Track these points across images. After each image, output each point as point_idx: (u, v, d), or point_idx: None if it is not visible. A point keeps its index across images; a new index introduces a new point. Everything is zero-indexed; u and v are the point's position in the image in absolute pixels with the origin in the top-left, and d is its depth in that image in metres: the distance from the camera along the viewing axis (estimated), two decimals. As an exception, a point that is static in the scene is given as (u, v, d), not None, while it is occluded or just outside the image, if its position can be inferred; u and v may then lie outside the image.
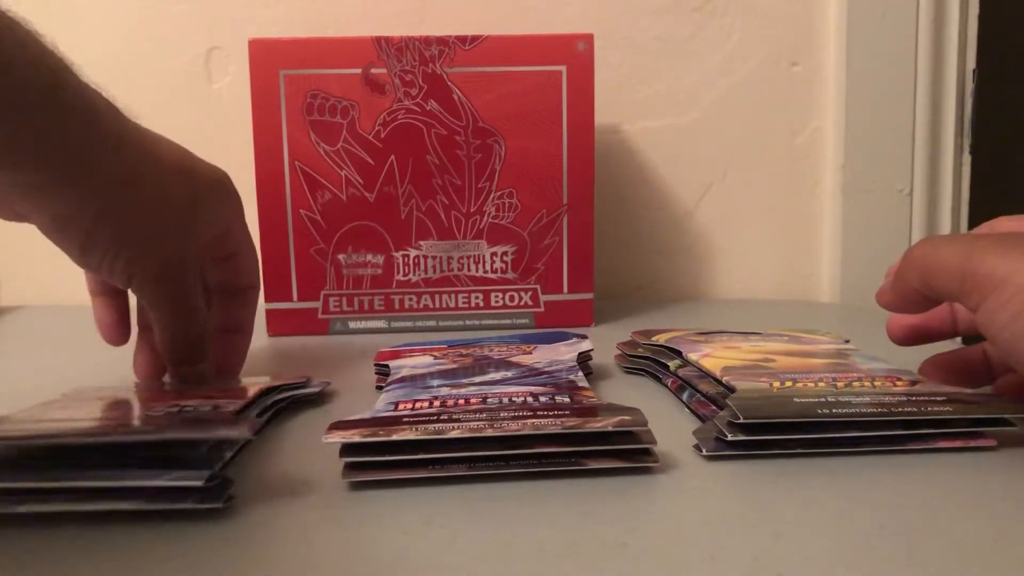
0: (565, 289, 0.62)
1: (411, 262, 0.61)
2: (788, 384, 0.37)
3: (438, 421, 0.32)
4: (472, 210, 0.60)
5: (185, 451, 0.29)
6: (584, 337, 0.48)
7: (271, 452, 0.35)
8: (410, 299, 0.61)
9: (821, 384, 0.37)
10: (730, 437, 0.33)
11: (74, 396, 0.38)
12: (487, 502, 0.30)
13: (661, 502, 0.30)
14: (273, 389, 0.40)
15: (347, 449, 0.31)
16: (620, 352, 0.50)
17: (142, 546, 0.27)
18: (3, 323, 0.66)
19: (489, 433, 0.31)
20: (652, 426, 0.33)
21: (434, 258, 0.61)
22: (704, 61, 0.76)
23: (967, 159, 0.78)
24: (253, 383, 0.41)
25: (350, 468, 0.31)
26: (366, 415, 0.34)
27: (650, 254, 0.78)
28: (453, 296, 0.61)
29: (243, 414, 0.35)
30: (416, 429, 0.31)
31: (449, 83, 0.59)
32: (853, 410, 0.34)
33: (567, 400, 0.35)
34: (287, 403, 0.42)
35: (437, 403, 0.35)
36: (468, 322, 0.62)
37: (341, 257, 0.60)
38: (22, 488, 0.28)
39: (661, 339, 0.48)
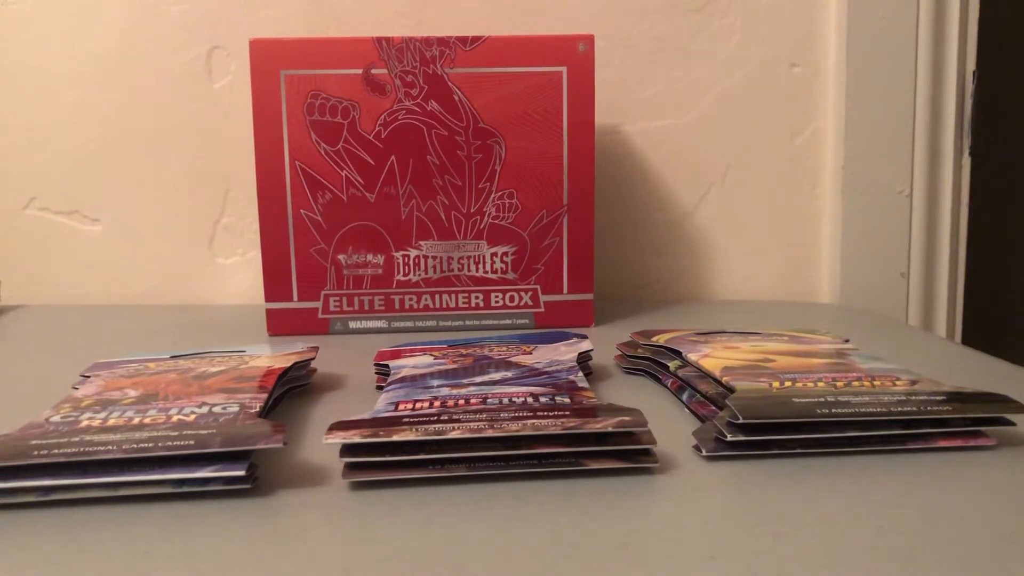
0: (565, 289, 0.62)
1: (411, 262, 0.61)
2: (787, 384, 0.37)
3: (438, 421, 0.32)
4: (472, 210, 0.60)
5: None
6: (584, 337, 0.49)
7: (271, 452, 0.35)
8: (410, 299, 0.61)
9: (820, 384, 0.37)
10: (729, 437, 0.33)
11: (99, 391, 0.38)
12: (487, 502, 0.30)
13: (661, 502, 0.30)
14: (286, 372, 0.42)
15: (347, 449, 0.31)
16: (620, 352, 0.50)
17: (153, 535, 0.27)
18: (3, 323, 0.66)
19: (489, 434, 0.31)
20: (652, 426, 0.33)
21: (434, 258, 0.61)
22: (704, 62, 0.76)
23: (967, 160, 0.78)
24: (268, 363, 0.43)
25: (350, 468, 0.31)
26: (366, 415, 0.34)
27: (650, 254, 0.78)
28: (453, 296, 0.61)
29: (266, 412, 0.36)
30: (416, 430, 0.31)
31: (450, 83, 0.59)
32: (852, 410, 0.34)
33: (567, 401, 0.35)
34: (289, 390, 0.44)
35: (437, 403, 0.35)
36: (468, 322, 0.62)
37: (341, 257, 0.60)
38: (87, 484, 0.30)
39: (661, 339, 0.48)
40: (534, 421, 0.32)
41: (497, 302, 0.62)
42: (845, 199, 0.76)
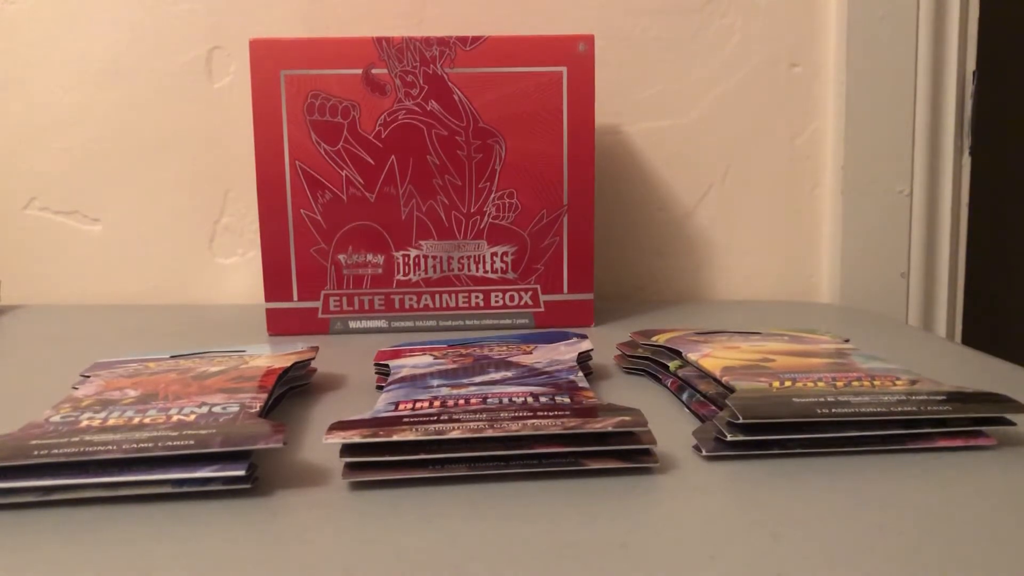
0: (565, 289, 0.62)
1: (411, 262, 0.61)
2: (787, 384, 0.37)
3: (438, 421, 0.32)
4: (472, 210, 0.60)
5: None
6: (584, 337, 0.49)
7: (271, 452, 0.35)
8: (410, 299, 0.61)
9: (820, 384, 0.37)
10: (729, 437, 0.33)
11: (99, 391, 0.38)
12: (487, 502, 0.30)
13: (661, 502, 0.30)
14: (286, 372, 0.42)
15: (347, 449, 0.31)
16: (620, 352, 0.50)
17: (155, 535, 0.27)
18: (3, 323, 0.66)
19: (489, 433, 0.31)
20: (652, 426, 0.33)
21: (434, 258, 0.61)
22: (704, 62, 0.76)
23: (967, 160, 0.78)
24: (268, 363, 0.43)
25: (350, 468, 0.31)
26: (366, 415, 0.34)
27: (650, 254, 0.78)
28: (453, 296, 0.61)
29: (266, 412, 0.36)
30: (416, 429, 0.31)
31: (450, 83, 0.59)
32: (852, 410, 0.34)
33: (567, 400, 0.35)
34: (289, 390, 0.44)
35: (437, 403, 0.35)
36: (468, 322, 0.62)
37: (341, 257, 0.60)
38: (87, 484, 0.30)
39: (661, 339, 0.48)
40: (534, 421, 0.32)
41: (497, 302, 0.62)
42: (845, 199, 0.76)
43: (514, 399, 0.36)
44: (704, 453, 0.34)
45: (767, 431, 0.34)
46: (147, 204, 0.76)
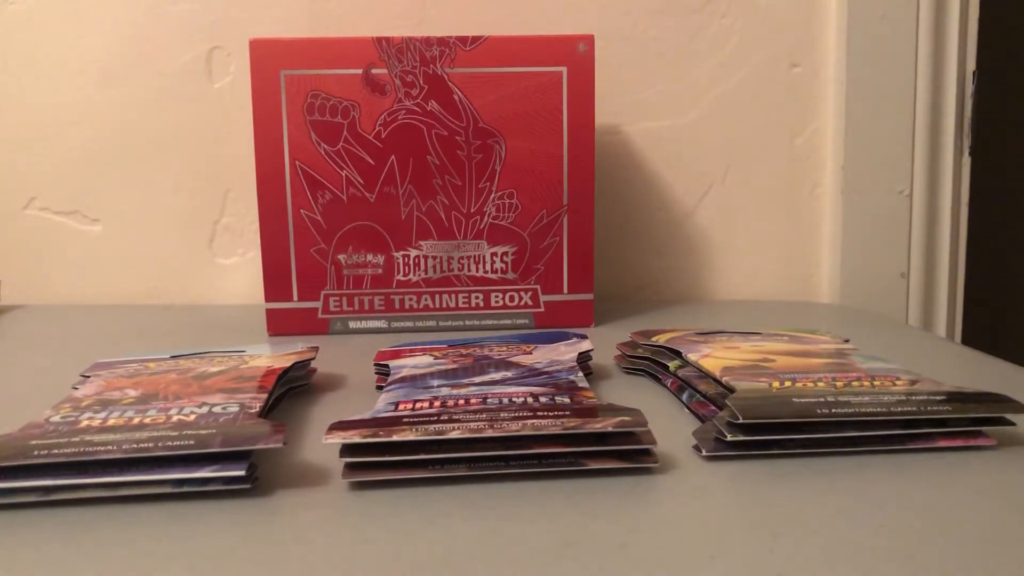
0: (565, 289, 0.62)
1: (411, 262, 0.61)
2: (787, 384, 0.37)
3: (438, 421, 0.32)
4: (472, 210, 0.60)
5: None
6: (584, 337, 0.49)
7: (271, 452, 0.35)
8: (410, 299, 0.61)
9: (820, 384, 0.37)
10: (729, 437, 0.33)
11: (99, 391, 0.38)
12: (487, 502, 0.30)
13: (661, 502, 0.30)
14: (286, 372, 0.42)
15: (347, 449, 0.31)
16: (620, 352, 0.50)
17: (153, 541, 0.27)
18: (3, 323, 0.66)
19: (489, 434, 0.31)
20: (652, 426, 0.33)
21: (434, 258, 0.61)
22: (704, 62, 0.76)
23: (967, 160, 0.78)
24: (268, 363, 0.43)
25: (350, 468, 0.31)
26: (366, 415, 0.34)
27: (650, 254, 0.78)
28: (453, 296, 0.61)
29: (266, 412, 0.36)
30: (416, 430, 0.31)
31: (450, 83, 0.59)
32: (852, 410, 0.34)
33: (567, 401, 0.35)
34: (289, 390, 0.44)
35: (437, 403, 0.35)
36: (468, 322, 0.62)
37: (341, 257, 0.60)
38: (87, 484, 0.30)
39: (661, 339, 0.48)
40: (534, 421, 0.32)
41: (497, 302, 0.62)
42: (845, 199, 0.76)
43: (514, 399, 0.36)
44: (704, 453, 0.34)
45: (767, 431, 0.34)
46: (147, 204, 0.76)
